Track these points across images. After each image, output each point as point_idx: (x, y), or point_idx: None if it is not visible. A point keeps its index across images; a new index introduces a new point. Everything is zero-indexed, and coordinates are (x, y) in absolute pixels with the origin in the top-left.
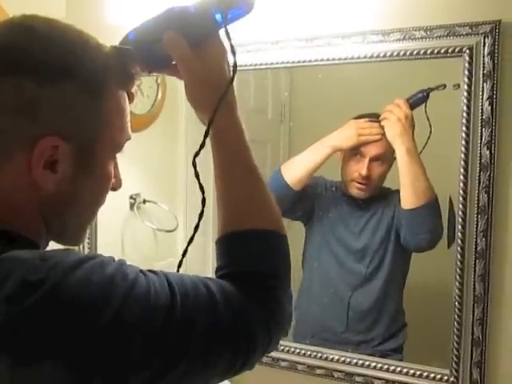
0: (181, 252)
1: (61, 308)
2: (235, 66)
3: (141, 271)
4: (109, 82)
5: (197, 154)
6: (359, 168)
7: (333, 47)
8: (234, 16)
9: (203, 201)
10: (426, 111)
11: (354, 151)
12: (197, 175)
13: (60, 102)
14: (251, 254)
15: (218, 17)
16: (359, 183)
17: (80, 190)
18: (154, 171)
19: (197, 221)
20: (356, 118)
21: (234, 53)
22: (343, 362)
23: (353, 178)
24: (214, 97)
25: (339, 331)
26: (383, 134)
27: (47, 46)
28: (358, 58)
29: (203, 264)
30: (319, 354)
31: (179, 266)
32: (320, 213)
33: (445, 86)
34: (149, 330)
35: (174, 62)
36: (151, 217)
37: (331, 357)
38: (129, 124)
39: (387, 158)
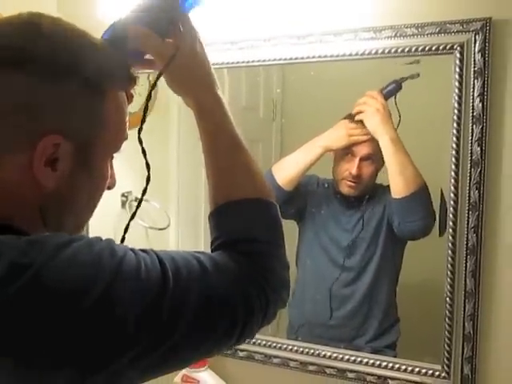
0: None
1: (50, 288)
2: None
3: (130, 249)
4: (110, 83)
5: (140, 129)
6: (350, 167)
7: (325, 44)
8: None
9: (148, 178)
10: (395, 102)
11: (345, 151)
12: (143, 152)
13: (63, 101)
14: (240, 222)
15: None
16: (350, 181)
17: (78, 189)
18: (146, 169)
19: (143, 187)
20: (346, 117)
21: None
22: (335, 358)
23: (343, 176)
24: (192, 77)
25: (331, 327)
26: None
27: (52, 44)
28: (350, 55)
29: None
30: (311, 351)
31: (122, 240)
32: (312, 210)
33: (418, 74)
34: (141, 307)
35: (147, 56)
36: (143, 215)
37: (323, 353)
38: (127, 125)
39: (378, 157)
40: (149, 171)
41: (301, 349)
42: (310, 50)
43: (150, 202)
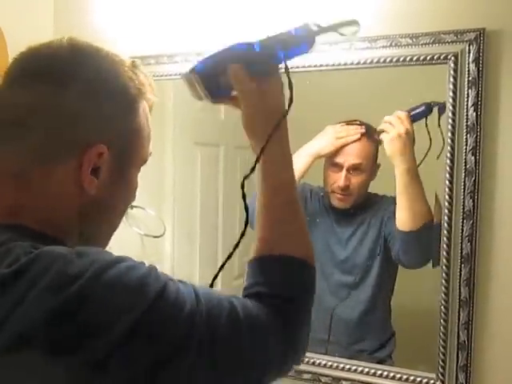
0: (168, 257)
1: (95, 302)
2: (291, 100)
3: (170, 278)
4: (140, 97)
5: (247, 177)
6: (337, 179)
7: (320, 53)
8: (294, 54)
9: (246, 221)
10: (426, 125)
11: (332, 162)
12: (244, 197)
13: (106, 113)
14: (280, 278)
15: (280, 54)
16: (339, 194)
17: (115, 197)
18: (142, 176)
19: (238, 239)
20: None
21: (291, 88)
22: (330, 366)
23: (332, 189)
24: (269, 128)
25: (327, 342)
26: (362, 135)
27: (94, 64)
28: (345, 64)
29: (190, 272)
30: (306, 359)
31: (213, 280)
32: (307, 218)
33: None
34: (171, 338)
35: (234, 93)
36: (139, 222)
37: (319, 361)
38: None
39: (366, 166)
40: (247, 214)
41: None
42: (305, 60)
43: (146, 210)
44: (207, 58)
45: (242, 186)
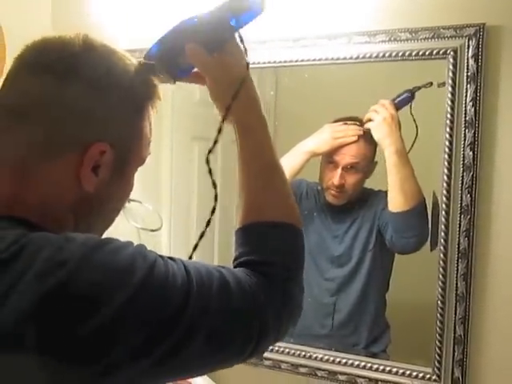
0: (165, 252)
1: (83, 285)
2: (248, 64)
3: (159, 256)
4: (148, 100)
5: (210, 151)
6: (333, 176)
7: (319, 48)
8: (246, 19)
9: (216, 197)
10: (411, 112)
11: (329, 159)
12: (210, 171)
13: (113, 113)
14: (269, 245)
15: (233, 22)
16: (333, 191)
17: (111, 196)
18: (139, 170)
19: (209, 216)
20: (334, 122)
21: (246, 53)
22: (327, 360)
23: (328, 185)
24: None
25: (321, 336)
26: (360, 136)
27: (105, 62)
28: (344, 58)
29: None
30: (303, 353)
31: (193, 251)
32: (305, 212)
33: (431, 83)
34: (166, 313)
35: (195, 70)
36: (136, 216)
37: (315, 355)
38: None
39: (363, 166)
40: (215, 188)
41: (292, 351)
42: (303, 53)
43: (143, 204)
44: (160, 41)
45: (207, 162)
